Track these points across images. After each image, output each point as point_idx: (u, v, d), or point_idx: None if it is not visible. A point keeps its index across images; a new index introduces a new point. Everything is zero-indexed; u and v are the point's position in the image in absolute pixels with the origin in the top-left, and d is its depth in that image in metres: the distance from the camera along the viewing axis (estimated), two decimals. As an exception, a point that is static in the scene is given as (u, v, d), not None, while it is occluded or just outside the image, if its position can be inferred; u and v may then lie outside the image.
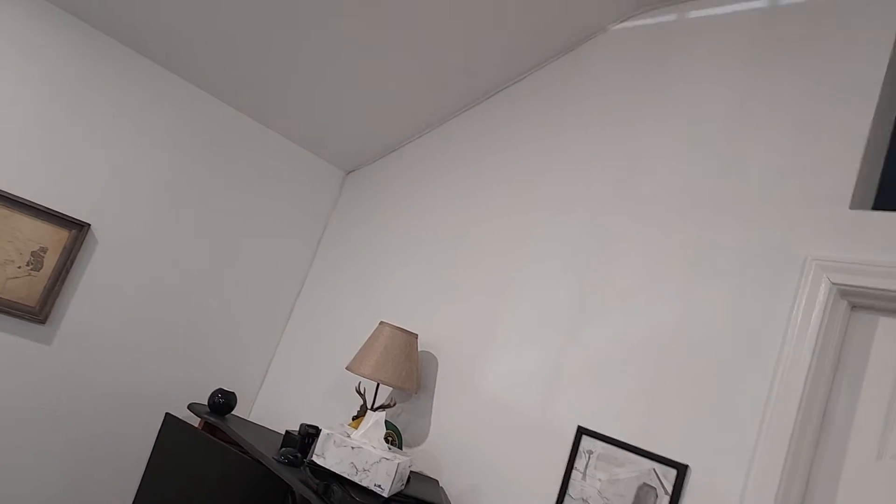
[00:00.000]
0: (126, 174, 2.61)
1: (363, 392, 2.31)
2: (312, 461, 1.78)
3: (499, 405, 2.00)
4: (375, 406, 2.29)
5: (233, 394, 2.54)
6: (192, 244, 2.83)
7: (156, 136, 2.68)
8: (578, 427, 1.74)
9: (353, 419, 2.23)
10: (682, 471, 1.49)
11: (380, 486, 1.67)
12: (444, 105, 2.71)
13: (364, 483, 1.69)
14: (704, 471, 1.48)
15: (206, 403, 2.64)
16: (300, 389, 2.88)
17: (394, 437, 2.13)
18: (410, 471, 2.05)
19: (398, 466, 1.68)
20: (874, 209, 1.54)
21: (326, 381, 2.74)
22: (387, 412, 2.33)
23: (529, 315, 2.06)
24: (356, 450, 1.72)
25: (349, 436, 1.80)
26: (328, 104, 2.80)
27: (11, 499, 2.42)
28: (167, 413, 2.37)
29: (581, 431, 1.73)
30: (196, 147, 2.80)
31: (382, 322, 2.24)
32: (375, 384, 2.39)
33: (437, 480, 2.03)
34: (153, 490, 2.39)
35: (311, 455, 1.81)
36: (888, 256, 1.37)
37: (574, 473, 1.69)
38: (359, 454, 1.71)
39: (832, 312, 1.40)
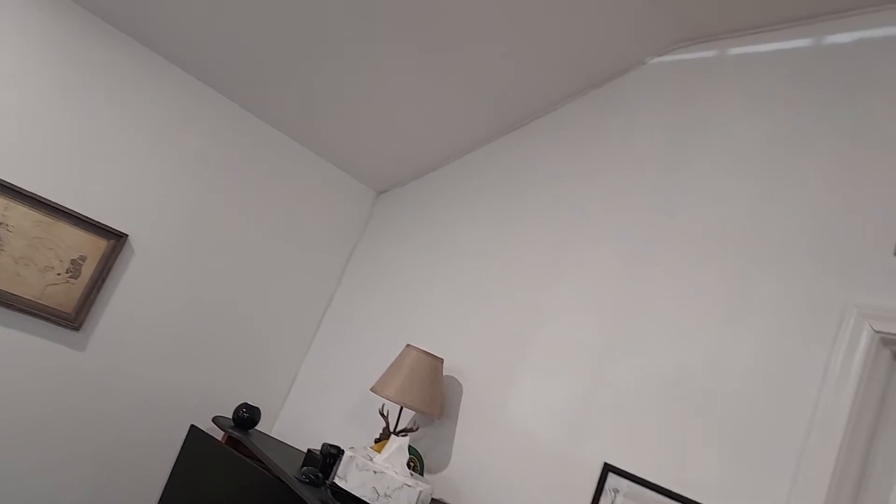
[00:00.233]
0: (164, 187, 2.67)
1: (386, 414, 2.30)
2: (334, 483, 1.78)
3: (523, 436, 1.98)
4: (398, 430, 2.28)
5: (257, 409, 2.56)
6: (225, 257, 2.88)
7: (194, 151, 2.74)
8: (605, 464, 1.71)
9: (376, 441, 2.23)
10: (712, 517, 1.45)
11: (401, 513, 1.66)
12: (478, 131, 2.73)
13: (385, 509, 1.68)
14: (735, 518, 1.44)
15: (231, 417, 2.66)
16: (323, 407, 2.89)
17: (416, 463, 2.12)
18: (431, 498, 2.03)
19: (420, 494, 1.67)
20: (919, 256, 1.49)
21: (350, 401, 2.74)
22: (409, 436, 2.32)
23: (558, 347, 2.04)
24: (379, 474, 1.71)
25: (372, 459, 1.80)
26: (364, 125, 2.84)
27: (38, 499, 2.47)
28: (192, 425, 2.40)
29: (607, 468, 1.70)
30: (232, 162, 2.86)
31: (409, 345, 2.24)
32: (399, 407, 2.38)
33: (458, 509, 2.01)
34: (174, 500, 2.40)
35: (333, 476, 1.80)
36: (934, 307, 1.33)
37: (598, 511, 1.66)
38: (381, 479, 1.70)
39: (874, 362, 1.36)
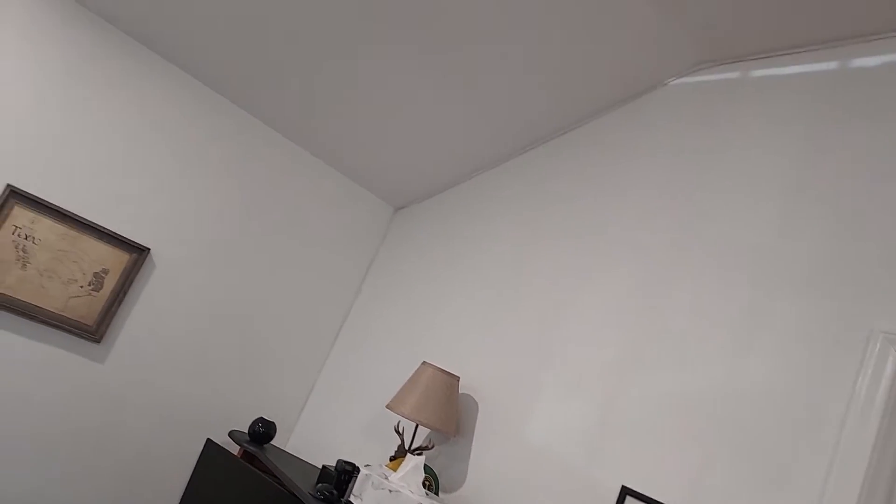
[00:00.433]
0: (185, 202, 2.71)
1: (402, 432, 2.30)
2: (350, 502, 1.78)
3: (539, 456, 1.97)
4: (414, 448, 2.27)
5: (273, 424, 2.57)
6: (244, 272, 2.91)
7: (214, 166, 2.79)
8: (623, 487, 1.69)
9: (392, 459, 2.22)
10: (733, 545, 1.43)
11: (416, 534, 1.65)
12: (497, 149, 2.74)
13: (400, 529, 1.67)
14: (756, 547, 1.41)
15: (247, 431, 2.67)
16: (339, 422, 2.89)
17: (431, 482, 2.11)
18: (446, 518, 2.02)
19: (436, 514, 1.66)
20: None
21: (365, 416, 2.74)
22: (424, 455, 2.31)
23: (575, 366, 2.03)
24: (394, 493, 1.71)
25: (387, 478, 1.79)
26: (383, 142, 2.87)
27: (54, 512, 2.49)
28: (208, 439, 2.41)
29: (625, 492, 1.68)
30: (251, 176, 2.90)
31: (425, 362, 2.24)
32: (415, 425, 2.38)
33: (473, 530, 1.99)
34: (189, 515, 2.41)
35: (349, 495, 1.80)
36: (962, 335, 1.31)
37: (616, 536, 1.64)
38: (397, 498, 1.70)
39: (901, 390, 1.34)
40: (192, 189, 2.73)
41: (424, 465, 2.15)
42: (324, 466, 2.29)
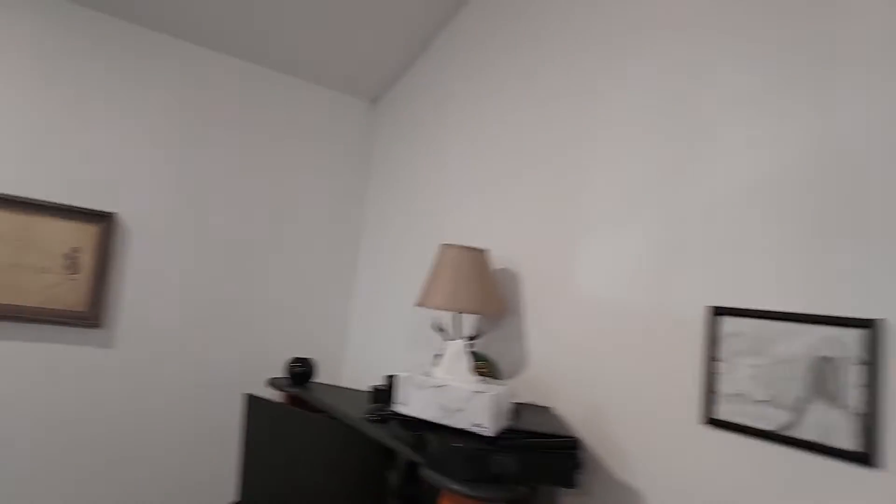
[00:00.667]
0: (140, 151, 2.39)
1: (443, 328, 2.01)
2: (397, 412, 1.51)
3: (603, 308, 1.65)
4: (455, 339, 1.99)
5: (309, 360, 2.33)
6: (230, 215, 2.60)
7: (162, 104, 2.43)
8: (712, 307, 1.36)
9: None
10: (875, 328, 1.09)
11: (480, 425, 1.37)
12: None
13: (461, 425, 1.39)
14: (905, 323, 1.07)
15: (286, 376, 2.45)
16: (383, 342, 2.64)
17: (489, 369, 1.83)
18: (517, 402, 1.75)
19: (495, 398, 1.38)
20: None
21: (406, 327, 2.47)
22: (474, 343, 2.03)
23: (613, 195, 1.66)
24: (441, 388, 1.42)
25: (430, 375, 1.51)
26: (332, 34, 2.45)
27: (123, 495, 2.35)
28: (247, 394, 2.19)
29: (716, 312, 1.35)
30: (205, 110, 2.54)
31: (444, 244, 1.92)
32: (453, 315, 2.09)
33: (550, 408, 1.72)
34: (254, 473, 2.24)
35: (394, 405, 1.54)
36: None
37: (717, 366, 1.32)
38: (445, 393, 1.42)
39: None
40: (141, 135, 2.39)
41: (476, 353, 1.87)
42: (374, 387, 2.05)
